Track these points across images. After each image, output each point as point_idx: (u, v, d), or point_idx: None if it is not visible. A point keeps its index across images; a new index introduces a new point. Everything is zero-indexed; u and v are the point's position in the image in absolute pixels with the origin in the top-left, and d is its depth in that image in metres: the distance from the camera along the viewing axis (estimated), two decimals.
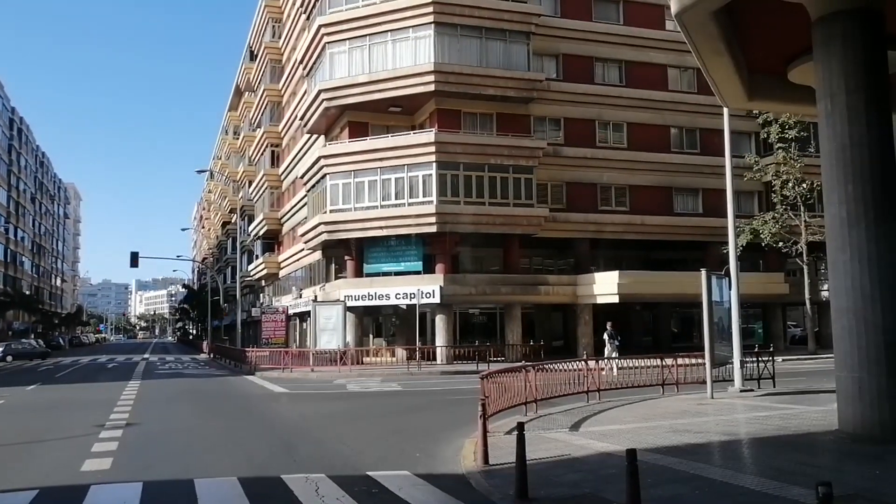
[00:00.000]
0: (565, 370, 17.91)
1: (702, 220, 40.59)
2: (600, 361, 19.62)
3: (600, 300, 36.27)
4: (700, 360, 18.75)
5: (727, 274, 19.12)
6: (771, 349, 21.72)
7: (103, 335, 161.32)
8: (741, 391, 18.31)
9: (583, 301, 37.31)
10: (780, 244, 37.25)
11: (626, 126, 40.64)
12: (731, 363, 18.82)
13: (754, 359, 19.80)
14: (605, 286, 35.66)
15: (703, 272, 17.64)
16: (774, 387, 19.14)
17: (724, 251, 22.47)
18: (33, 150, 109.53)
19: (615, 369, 20.11)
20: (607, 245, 40.21)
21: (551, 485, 8.72)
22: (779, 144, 37.04)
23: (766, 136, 38.80)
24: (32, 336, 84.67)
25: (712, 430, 12.73)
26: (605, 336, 27.61)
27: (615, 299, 35.27)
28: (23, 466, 11.37)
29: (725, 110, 18.62)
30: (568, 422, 14.15)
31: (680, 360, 19.50)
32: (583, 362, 18.31)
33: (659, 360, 19.32)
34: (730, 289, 18.91)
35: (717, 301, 18.05)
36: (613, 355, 25.82)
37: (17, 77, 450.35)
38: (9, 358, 50.57)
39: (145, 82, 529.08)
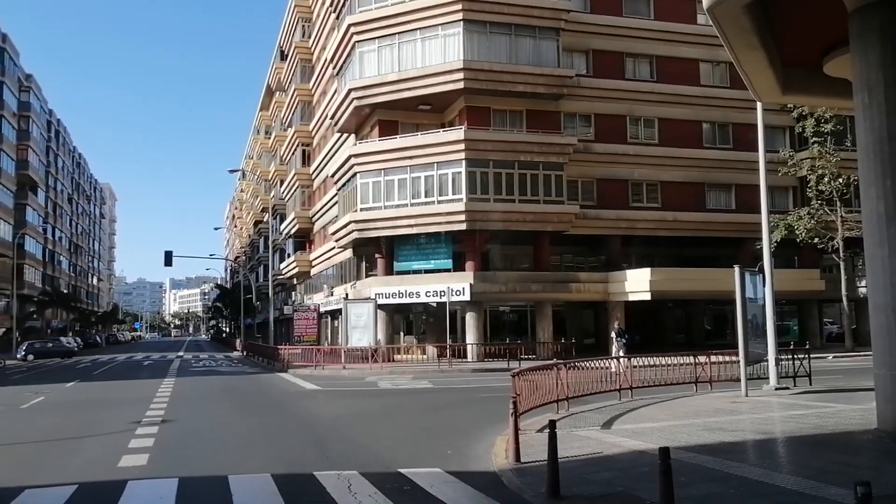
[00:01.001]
0: (597, 368, 17.82)
1: (735, 216, 40.10)
2: (620, 361, 19.40)
3: (632, 297, 36.00)
4: (734, 358, 18.54)
5: (761, 270, 18.88)
6: (807, 346, 21.39)
7: (138, 333, 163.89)
8: (776, 389, 18.08)
9: (615, 298, 37.06)
10: (816, 240, 36.68)
11: (657, 122, 40.31)
12: (766, 361, 18.59)
13: (790, 356, 19.54)
14: (637, 283, 35.38)
15: (737, 269, 17.43)
16: (811, 385, 18.88)
17: (758, 247, 22.21)
18: (70, 151, 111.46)
19: (622, 367, 19.92)
20: (639, 242, 39.93)
21: (583, 483, 8.69)
22: (814, 139, 36.49)
23: (801, 130, 38.24)
24: (70, 334, 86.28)
25: (747, 429, 12.58)
26: (613, 334, 27.81)
27: (647, 297, 34.99)
28: (62, 462, 11.60)
29: (759, 105, 18.36)
30: (600, 420, 14.08)
31: (713, 358, 19.31)
32: (615, 360, 18.18)
33: (692, 358, 19.15)
34: (764, 285, 18.67)
35: (750, 298, 17.81)
36: (620, 353, 26.14)
37: (49, 74, 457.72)
38: (30, 357, 50.25)
39: (177, 82, 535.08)
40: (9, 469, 11.11)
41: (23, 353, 51.21)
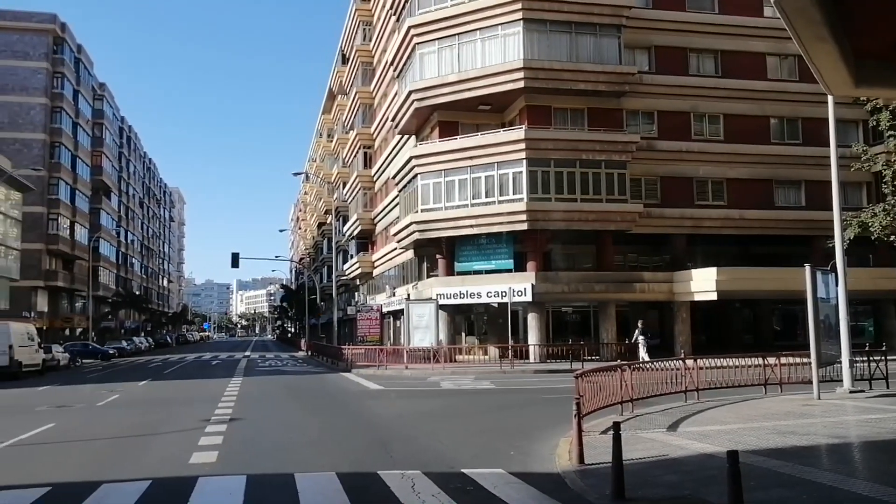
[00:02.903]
0: (662, 369, 17.53)
1: (805, 213, 38.97)
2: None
3: (698, 297, 35.30)
4: (805, 360, 18.02)
5: (833, 269, 18.32)
6: (883, 348, 20.64)
7: (207, 333, 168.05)
8: (851, 392, 17.49)
9: (680, 298, 36.41)
10: (893, 238, 35.31)
11: (722, 118, 39.44)
12: (839, 362, 18.01)
13: (865, 358, 18.89)
14: (703, 283, 34.67)
15: (807, 268, 16.94)
16: (888, 388, 18.18)
17: (830, 245, 21.53)
18: (141, 156, 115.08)
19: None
20: (704, 241, 39.13)
21: (649, 485, 8.56)
22: (890, 132, 35.07)
23: (875, 123, 36.78)
24: (142, 334, 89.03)
25: (820, 433, 12.20)
26: (637, 333, 27.63)
27: (713, 296, 34.25)
28: (137, 457, 11.99)
29: (830, 99, 17.81)
30: (665, 422, 13.85)
31: (783, 359, 18.79)
32: (680, 361, 17.87)
33: (761, 359, 18.67)
34: (836, 285, 18.10)
35: (822, 298, 17.29)
36: (644, 354, 26.21)
37: (113, 74, 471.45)
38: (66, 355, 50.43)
39: (244, 85, 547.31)
40: (87, 464, 11.54)
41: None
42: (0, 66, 64.33)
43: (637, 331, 28.91)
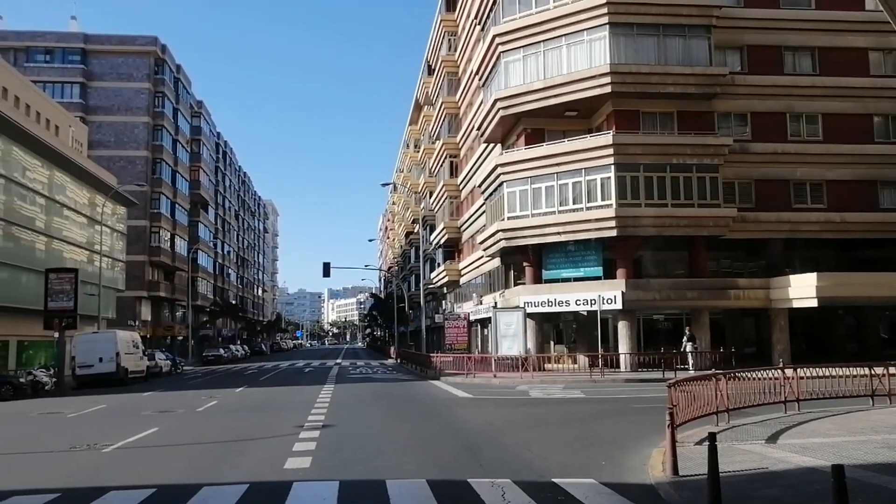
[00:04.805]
0: (759, 378, 16.91)
1: None
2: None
3: (797, 304, 33.94)
4: None
5: None
6: None
7: (300, 341, 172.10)
8: None
9: (777, 305, 35.10)
10: None
11: (820, 117, 37.83)
12: None
13: None
14: (802, 289, 33.32)
15: None
16: None
17: None
18: (236, 170, 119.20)
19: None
20: (803, 245, 37.62)
21: (747, 499, 8.27)
22: None
23: None
24: (238, 342, 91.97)
25: None
26: (685, 339, 27.14)
27: (814, 303, 32.88)
28: (235, 461, 12.39)
29: None
30: (764, 433, 13.36)
31: (892, 369, 17.85)
32: (779, 370, 17.20)
33: (867, 369, 17.79)
34: None
35: None
36: (689, 360, 25.96)
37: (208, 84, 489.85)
38: None
39: (334, 95, 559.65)
40: (189, 467, 12.02)
41: None
42: (107, 88, 67.97)
43: (685, 337, 28.19)
